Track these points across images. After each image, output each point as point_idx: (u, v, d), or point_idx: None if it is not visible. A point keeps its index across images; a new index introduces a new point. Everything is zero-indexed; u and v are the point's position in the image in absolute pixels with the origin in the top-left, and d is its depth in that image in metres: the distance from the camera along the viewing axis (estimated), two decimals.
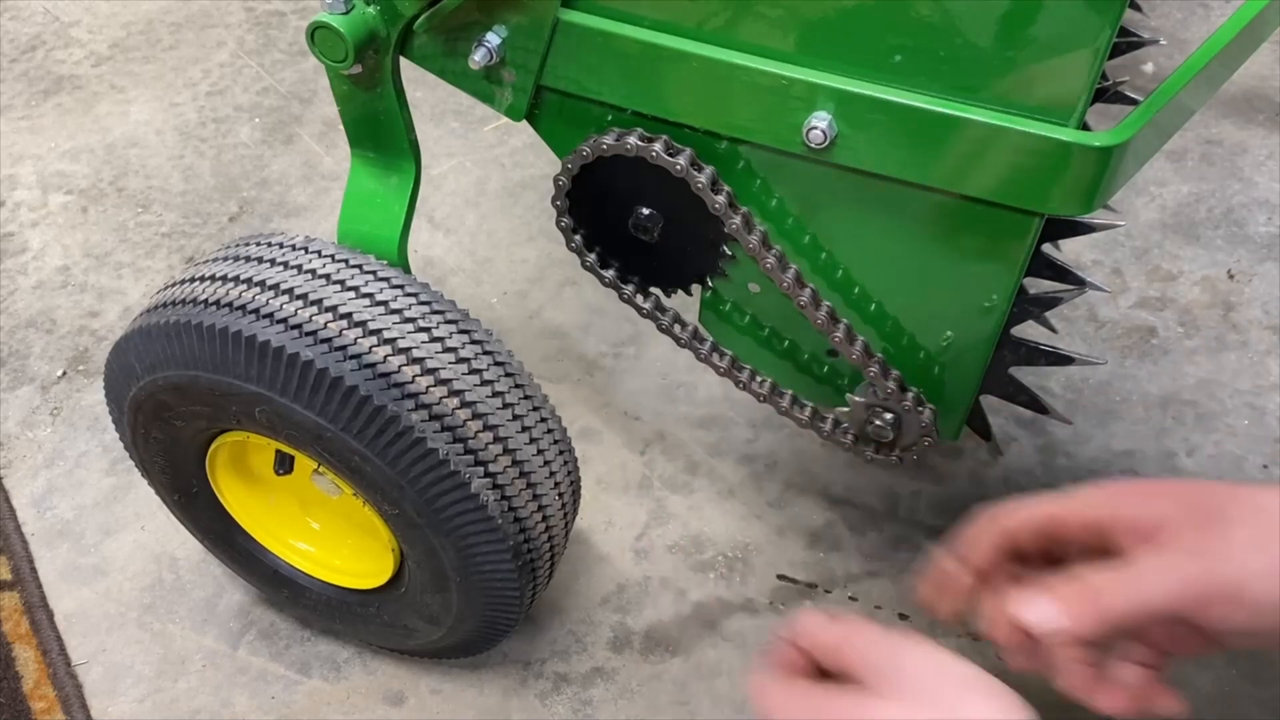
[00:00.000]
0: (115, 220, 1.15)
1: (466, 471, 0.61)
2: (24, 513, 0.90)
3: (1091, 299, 1.02)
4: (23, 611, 0.84)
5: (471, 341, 0.63)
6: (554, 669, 0.80)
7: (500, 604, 0.68)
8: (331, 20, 0.61)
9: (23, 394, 0.99)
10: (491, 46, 0.62)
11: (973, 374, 0.68)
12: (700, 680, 0.79)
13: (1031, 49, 0.52)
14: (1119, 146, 0.53)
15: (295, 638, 0.82)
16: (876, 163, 0.59)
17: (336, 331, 0.60)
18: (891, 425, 0.70)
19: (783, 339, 0.72)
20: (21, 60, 1.36)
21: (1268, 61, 1.26)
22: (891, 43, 0.55)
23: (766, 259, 0.65)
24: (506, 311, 1.05)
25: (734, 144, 0.63)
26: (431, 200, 1.16)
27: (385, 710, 0.78)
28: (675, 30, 0.59)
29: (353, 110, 0.69)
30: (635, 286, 0.73)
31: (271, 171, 1.21)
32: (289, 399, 0.60)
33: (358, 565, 0.75)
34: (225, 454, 0.71)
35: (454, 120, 1.26)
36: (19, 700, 0.78)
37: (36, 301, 1.07)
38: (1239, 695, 0.76)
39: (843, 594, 0.83)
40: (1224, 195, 1.12)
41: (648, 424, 0.95)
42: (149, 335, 0.63)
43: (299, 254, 0.64)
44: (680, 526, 0.88)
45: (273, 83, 1.32)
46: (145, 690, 0.79)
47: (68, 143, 1.25)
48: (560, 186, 0.68)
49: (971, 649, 0.79)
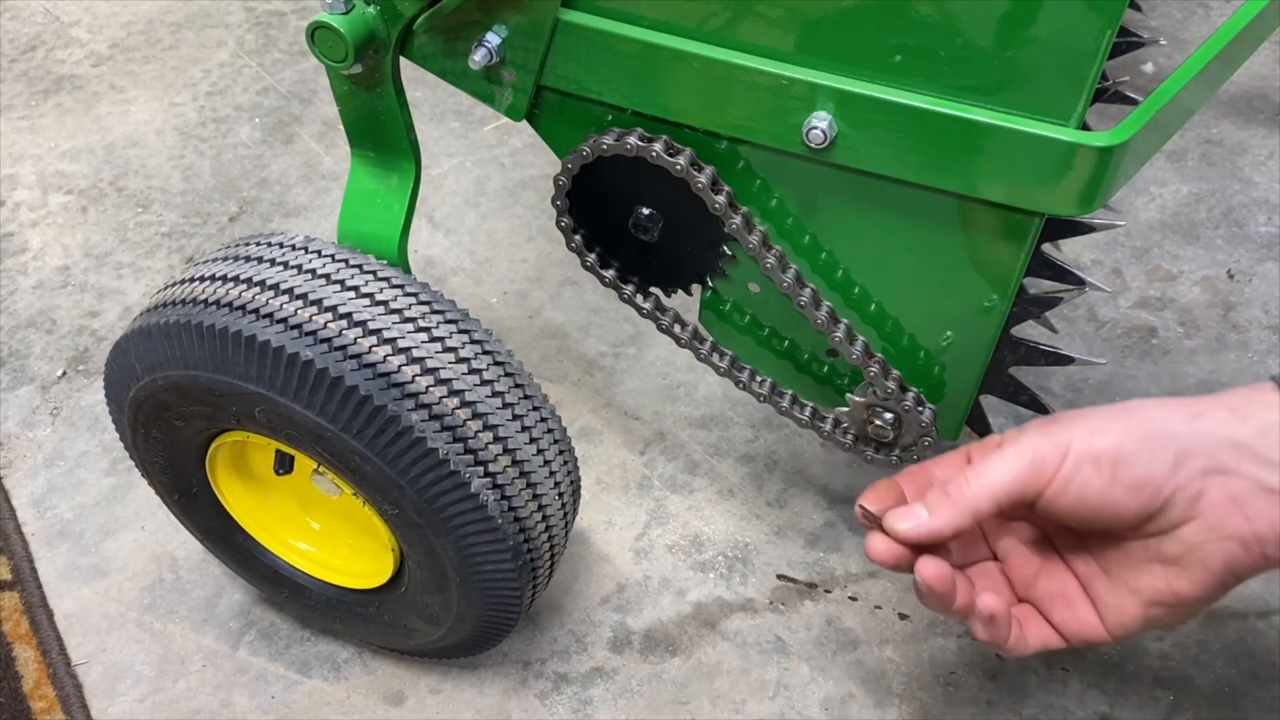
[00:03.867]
0: (115, 220, 1.15)
1: (466, 471, 0.61)
2: (24, 513, 0.90)
3: (1091, 299, 1.03)
4: (23, 611, 0.84)
5: (471, 341, 0.63)
6: (554, 669, 0.80)
7: (500, 604, 0.68)
8: (331, 20, 0.61)
9: (23, 394, 0.99)
10: (491, 46, 0.62)
11: (973, 374, 0.68)
12: (700, 680, 0.79)
13: (1031, 49, 0.52)
14: (1119, 146, 0.53)
15: (295, 638, 0.82)
16: (876, 163, 0.59)
17: (336, 331, 0.60)
18: (891, 425, 0.70)
19: (783, 339, 0.73)
20: (21, 60, 1.36)
21: (1268, 61, 1.26)
22: (891, 43, 0.55)
23: (766, 259, 0.65)
24: (506, 311, 1.05)
25: (734, 144, 0.63)
26: (431, 200, 1.16)
27: (385, 710, 0.78)
28: (675, 30, 0.59)
29: (353, 110, 0.69)
30: (635, 286, 0.73)
31: (271, 171, 1.21)
32: (289, 399, 0.60)
33: (358, 565, 0.75)
34: (225, 454, 0.71)
35: (454, 120, 1.26)
36: (19, 700, 0.78)
37: (36, 301, 1.07)
38: (1239, 695, 0.76)
39: (843, 594, 0.83)
40: (1224, 195, 1.12)
41: (648, 424, 0.95)
42: (149, 335, 0.63)
43: (299, 254, 0.64)
44: (680, 526, 0.88)
45: (273, 83, 1.32)
46: (145, 690, 0.79)
47: (68, 143, 1.25)
48: (560, 186, 0.68)
49: (972, 649, 0.79)
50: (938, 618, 0.81)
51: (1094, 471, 0.53)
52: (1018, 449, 0.55)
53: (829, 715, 0.77)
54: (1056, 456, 0.54)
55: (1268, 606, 0.80)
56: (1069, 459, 0.54)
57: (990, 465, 0.56)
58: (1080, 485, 0.53)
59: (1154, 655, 0.78)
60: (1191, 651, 0.78)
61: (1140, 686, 0.77)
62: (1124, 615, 0.57)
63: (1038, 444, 0.55)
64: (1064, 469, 0.54)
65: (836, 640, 0.81)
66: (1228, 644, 0.79)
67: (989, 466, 0.56)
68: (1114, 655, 0.78)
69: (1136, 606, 0.56)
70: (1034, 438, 0.55)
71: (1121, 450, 0.53)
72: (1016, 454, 0.55)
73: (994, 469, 0.55)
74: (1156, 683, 0.77)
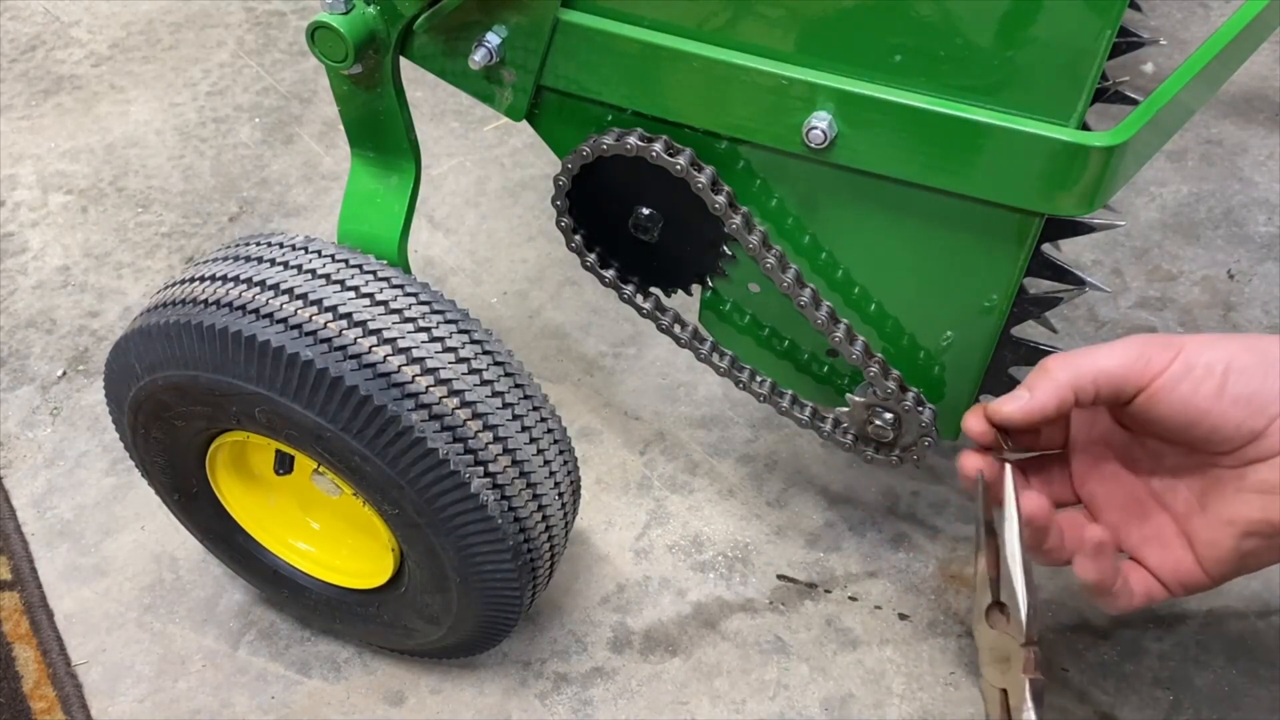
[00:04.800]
0: (115, 220, 1.15)
1: (466, 471, 0.61)
2: (24, 513, 0.90)
3: (1091, 299, 1.03)
4: (23, 611, 0.84)
5: (471, 341, 0.63)
6: (554, 669, 0.80)
7: (500, 604, 0.68)
8: (331, 20, 0.61)
9: (23, 394, 0.99)
10: (491, 46, 0.62)
11: (973, 374, 0.68)
12: (700, 680, 0.79)
13: (1031, 49, 0.52)
14: (1119, 146, 0.53)
15: (295, 638, 0.82)
16: (876, 163, 0.59)
17: (336, 331, 0.60)
18: (891, 425, 0.70)
19: (783, 339, 0.73)
20: (21, 60, 1.36)
21: (1268, 61, 1.26)
22: (891, 43, 0.55)
23: (766, 259, 0.65)
24: (506, 311, 1.05)
25: (734, 144, 0.63)
26: (431, 200, 1.16)
27: (385, 710, 0.78)
28: (675, 30, 0.60)
29: (353, 110, 0.69)
30: (635, 286, 0.73)
31: (271, 171, 1.21)
32: (289, 399, 0.60)
33: (358, 565, 0.75)
34: (225, 454, 0.71)
35: (454, 120, 1.26)
36: (19, 700, 0.78)
37: (36, 301, 1.07)
38: (1239, 695, 0.76)
39: (843, 594, 0.83)
40: (1224, 195, 1.12)
41: (648, 424, 0.95)
42: (149, 335, 0.63)
43: (299, 254, 0.64)
44: (680, 526, 0.88)
45: (273, 83, 1.32)
46: (145, 690, 0.79)
47: (68, 143, 1.25)
48: (560, 186, 0.68)
49: (971, 649, 0.79)
50: (938, 617, 0.81)
51: (1205, 375, 0.53)
52: (1127, 340, 0.55)
53: (829, 715, 0.77)
54: (1168, 354, 0.54)
55: (1268, 606, 0.80)
56: (1180, 358, 0.53)
57: (1097, 349, 0.56)
58: (1188, 388, 0.53)
59: (1154, 655, 0.78)
60: (1191, 651, 0.78)
61: (1140, 686, 0.77)
62: (1219, 549, 0.57)
63: (1149, 339, 0.55)
64: (1174, 367, 0.53)
65: (836, 640, 0.81)
66: (1228, 644, 0.79)
67: (1096, 350, 0.56)
68: (1114, 655, 0.78)
69: (1231, 539, 0.56)
70: (1147, 336, 0.55)
71: (1235, 362, 0.53)
72: (1125, 343, 0.55)
73: (1101, 352, 0.55)
74: (1156, 683, 0.77)
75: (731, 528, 0.88)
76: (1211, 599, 0.81)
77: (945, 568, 0.84)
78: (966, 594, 0.82)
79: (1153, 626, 0.80)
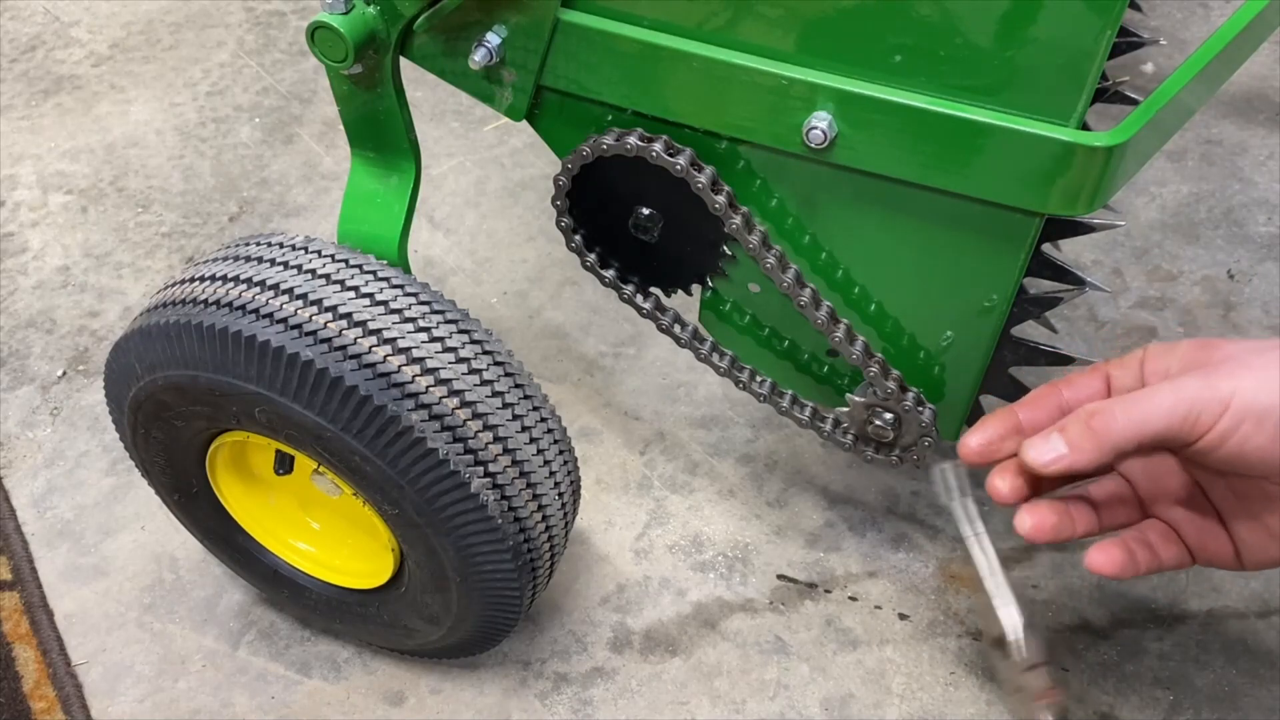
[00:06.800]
0: (115, 220, 1.15)
1: (466, 471, 0.61)
2: (24, 513, 0.90)
3: (1091, 299, 1.02)
4: (23, 611, 0.84)
5: (471, 341, 0.63)
6: (554, 669, 0.80)
7: (500, 604, 0.68)
8: (331, 20, 0.61)
9: (23, 394, 0.99)
10: (491, 46, 0.62)
11: (973, 374, 0.68)
12: (700, 680, 0.79)
13: (1031, 49, 0.52)
14: (1119, 146, 0.53)
15: (295, 638, 0.82)
16: (876, 163, 0.59)
17: (336, 331, 0.60)
18: (891, 425, 0.70)
19: (783, 339, 0.73)
20: (21, 60, 1.36)
21: (1268, 61, 1.26)
22: (891, 43, 0.55)
23: (766, 259, 0.65)
24: (506, 311, 1.05)
25: (734, 144, 0.63)
26: (431, 200, 1.16)
27: (385, 710, 0.78)
28: (675, 30, 0.60)
29: (353, 110, 0.69)
30: (635, 286, 0.73)
31: (271, 171, 1.21)
32: (289, 399, 0.60)
33: (358, 565, 0.75)
34: (225, 454, 0.71)
35: (454, 120, 1.26)
36: (19, 700, 0.78)
37: (36, 301, 1.07)
38: (1239, 695, 0.76)
39: (843, 594, 0.83)
40: (1224, 195, 1.12)
41: (648, 424, 0.95)
42: (149, 335, 0.63)
43: (299, 254, 0.64)
44: (680, 526, 0.88)
45: (273, 83, 1.32)
46: (145, 690, 0.79)
47: (68, 143, 1.25)
48: (560, 186, 0.68)
49: (971, 649, 0.79)
50: (938, 617, 0.81)
51: (1255, 428, 0.51)
52: (1176, 393, 0.52)
53: (829, 715, 0.77)
54: (1216, 409, 0.51)
55: (1268, 607, 0.80)
56: (1229, 413, 0.51)
57: (1142, 403, 0.53)
58: (1239, 440, 0.51)
59: (1154, 655, 0.78)
60: (1191, 651, 0.78)
61: (1140, 686, 0.77)
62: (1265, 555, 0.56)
63: (1197, 392, 0.52)
64: (1223, 423, 0.51)
65: (836, 640, 0.81)
66: (1228, 644, 0.79)
67: (1141, 404, 0.53)
68: (1114, 655, 0.78)
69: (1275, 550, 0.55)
70: (1193, 384, 0.52)
71: None
72: (1174, 398, 0.52)
73: (1146, 408, 0.53)
74: (1156, 683, 0.77)
75: (731, 528, 0.88)
76: (1211, 599, 0.81)
77: (945, 568, 0.84)
78: (966, 594, 0.82)
79: (1153, 626, 0.80)
